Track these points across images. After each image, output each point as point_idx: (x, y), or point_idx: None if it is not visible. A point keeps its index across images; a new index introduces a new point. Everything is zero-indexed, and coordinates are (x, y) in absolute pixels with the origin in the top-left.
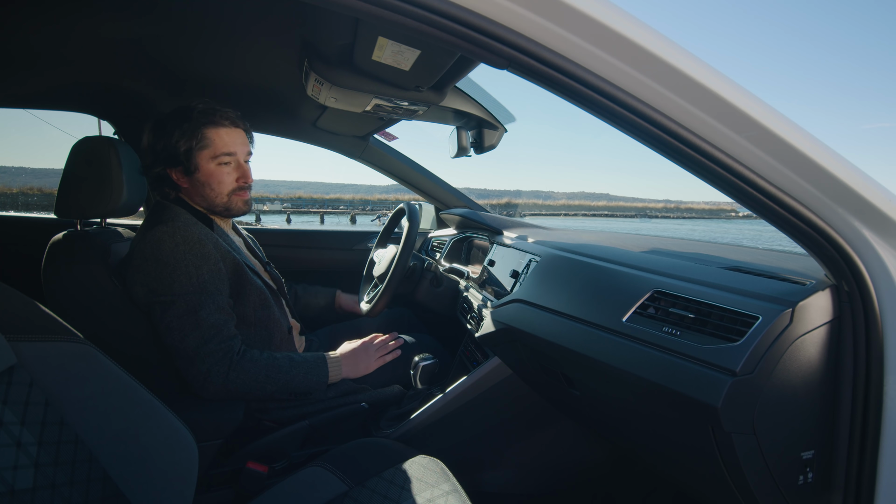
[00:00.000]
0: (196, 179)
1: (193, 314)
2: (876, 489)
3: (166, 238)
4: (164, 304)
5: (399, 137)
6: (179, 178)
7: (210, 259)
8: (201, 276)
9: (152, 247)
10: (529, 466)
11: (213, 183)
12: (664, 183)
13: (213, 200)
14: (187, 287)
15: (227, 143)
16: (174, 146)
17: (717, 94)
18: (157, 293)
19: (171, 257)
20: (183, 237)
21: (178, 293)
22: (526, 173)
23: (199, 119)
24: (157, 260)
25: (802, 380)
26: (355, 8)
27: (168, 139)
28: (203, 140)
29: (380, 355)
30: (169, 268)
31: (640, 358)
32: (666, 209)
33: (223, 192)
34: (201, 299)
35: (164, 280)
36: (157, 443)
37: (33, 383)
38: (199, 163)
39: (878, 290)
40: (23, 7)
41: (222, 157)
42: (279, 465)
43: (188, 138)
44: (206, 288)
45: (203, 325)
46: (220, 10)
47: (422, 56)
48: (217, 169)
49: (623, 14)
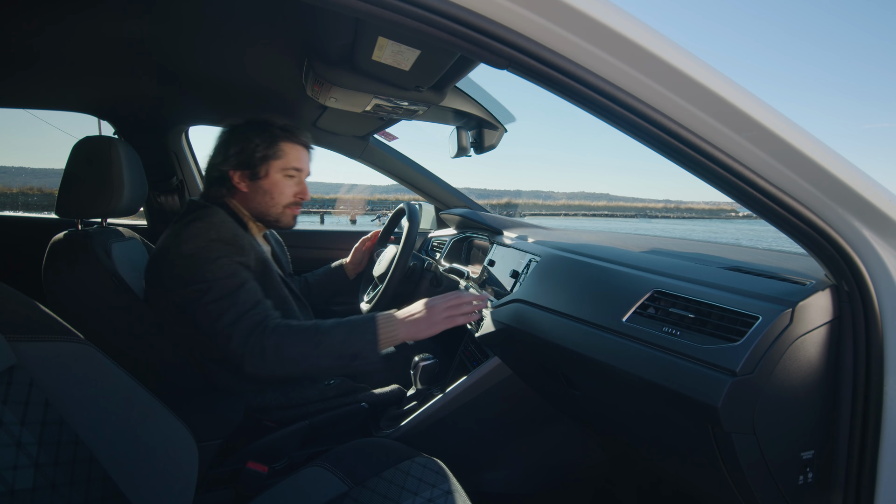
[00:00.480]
0: (259, 186)
1: (230, 296)
2: (876, 489)
3: (202, 233)
4: (199, 292)
5: (399, 137)
6: (241, 181)
7: (244, 254)
8: (233, 267)
9: (188, 242)
10: (529, 466)
11: (275, 192)
12: (664, 183)
13: (268, 209)
14: (221, 274)
15: (298, 159)
16: (250, 151)
17: (717, 94)
18: (192, 283)
19: (206, 250)
20: (218, 233)
21: (212, 280)
22: (526, 173)
23: (279, 133)
24: (193, 254)
25: (802, 380)
26: (355, 8)
27: (245, 143)
28: (278, 152)
29: (449, 314)
30: (202, 259)
31: (640, 358)
32: (666, 209)
33: (281, 202)
34: (235, 283)
35: (199, 270)
36: (157, 443)
37: (33, 383)
38: (269, 171)
39: (878, 290)
40: (23, 7)
41: (290, 171)
42: (279, 465)
43: (265, 147)
44: (240, 275)
45: (239, 302)
46: (221, 10)
47: (422, 56)
48: (282, 180)
49: (623, 14)
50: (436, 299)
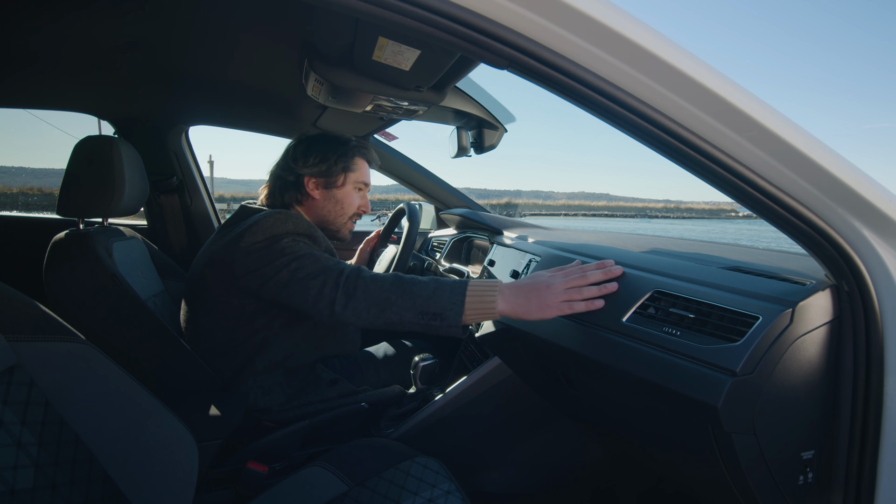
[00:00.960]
0: (331, 195)
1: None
2: (876, 489)
3: (279, 224)
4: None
5: (399, 137)
6: (315, 189)
7: (319, 242)
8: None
9: (266, 228)
10: (529, 466)
11: (345, 203)
12: (664, 183)
13: (335, 218)
14: (299, 248)
15: (366, 174)
16: (332, 161)
17: (717, 94)
18: (273, 261)
19: (283, 233)
20: (295, 224)
21: (290, 253)
22: (526, 173)
23: (356, 149)
24: (271, 237)
25: (802, 380)
26: (355, 8)
27: (326, 153)
28: (354, 165)
29: (569, 297)
30: (279, 239)
31: (640, 358)
32: (666, 209)
33: (347, 213)
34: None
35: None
36: (157, 443)
37: (33, 383)
38: (345, 182)
39: (878, 290)
40: (23, 7)
41: (360, 184)
42: (279, 465)
43: (345, 160)
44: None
45: (321, 259)
46: (221, 10)
47: (422, 56)
48: (352, 192)
49: (623, 14)
50: (555, 275)
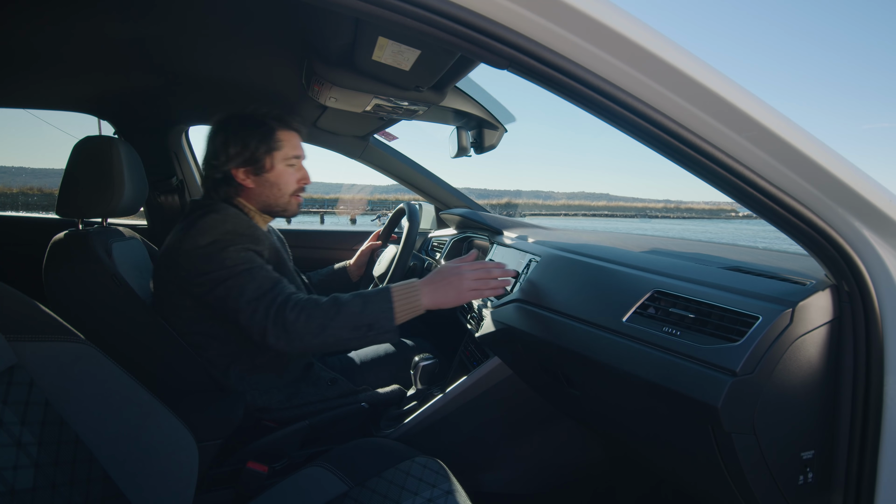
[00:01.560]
0: (265, 180)
1: (249, 274)
2: (876, 489)
3: (218, 225)
4: (220, 278)
5: (399, 137)
6: (247, 178)
7: (259, 243)
8: (252, 254)
9: (204, 233)
10: (529, 466)
11: (281, 183)
12: (664, 183)
13: (276, 200)
14: (238, 261)
15: (296, 146)
16: (253, 147)
17: (717, 94)
18: (212, 271)
19: (223, 241)
20: (234, 224)
21: (230, 266)
22: (526, 173)
23: (275, 124)
24: (211, 243)
25: (802, 380)
26: (355, 8)
27: (245, 140)
28: (278, 142)
29: (478, 286)
30: (220, 248)
31: (640, 358)
32: (666, 209)
33: (287, 192)
34: (255, 266)
35: (218, 258)
36: (157, 443)
37: (33, 383)
38: (273, 163)
39: (878, 290)
40: (23, 7)
41: (292, 160)
42: (279, 465)
43: (266, 141)
44: (257, 260)
45: (259, 278)
46: (221, 11)
47: (422, 56)
48: (286, 170)
49: (623, 14)
50: (463, 267)
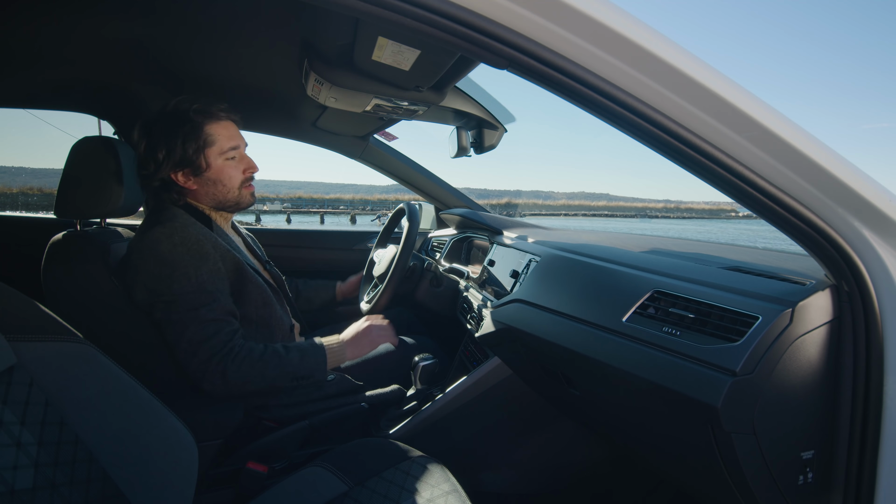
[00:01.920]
0: (206, 178)
1: (194, 311)
2: (876, 489)
3: (164, 239)
4: (165, 304)
5: (399, 137)
6: (187, 180)
7: (209, 259)
8: (200, 276)
9: (150, 248)
10: (529, 466)
11: (224, 179)
12: (664, 183)
13: (225, 196)
14: (186, 287)
15: (230, 137)
16: (182, 149)
17: (717, 94)
18: (157, 293)
19: (169, 257)
20: (181, 238)
21: (177, 293)
22: (526, 173)
23: (199, 118)
24: (157, 260)
25: (802, 380)
26: (355, 8)
27: (171, 143)
28: (209, 137)
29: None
30: (168, 268)
31: (640, 358)
32: (666, 209)
33: (234, 186)
34: (201, 298)
35: (164, 280)
36: (157, 443)
37: (33, 383)
38: (209, 160)
39: (878, 290)
40: (24, 6)
41: (229, 152)
42: (279, 465)
43: (194, 138)
44: (206, 287)
45: (202, 321)
46: (221, 10)
47: (422, 56)
48: (225, 164)
49: (623, 14)
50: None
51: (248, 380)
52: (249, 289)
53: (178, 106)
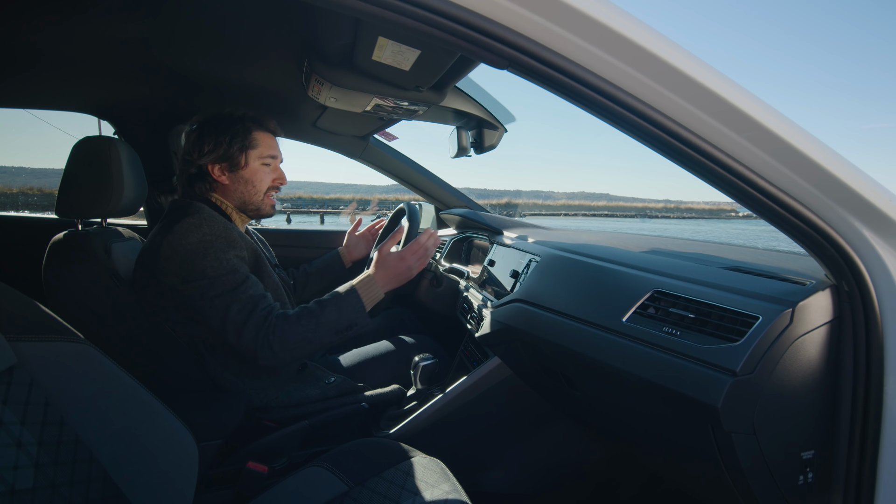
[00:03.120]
0: (240, 176)
1: (234, 291)
2: (876, 489)
3: (194, 229)
4: (201, 288)
5: (399, 137)
6: (222, 174)
7: (236, 246)
8: (231, 261)
9: (181, 238)
10: (529, 466)
11: (256, 180)
12: (664, 183)
13: (250, 198)
14: (219, 270)
15: (271, 146)
16: (228, 144)
17: (717, 94)
18: (191, 280)
19: (199, 246)
20: (210, 228)
21: (212, 276)
22: (526, 173)
23: (251, 124)
24: (188, 250)
25: (802, 380)
26: (355, 8)
27: (220, 137)
28: (254, 141)
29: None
30: (199, 255)
31: (640, 358)
32: (666, 209)
33: (261, 189)
34: (236, 277)
35: (197, 266)
36: (157, 443)
37: (33, 383)
38: (248, 160)
39: (878, 290)
40: (24, 7)
41: (267, 159)
42: (279, 465)
43: (241, 138)
44: (238, 269)
45: (244, 297)
46: (221, 10)
47: (422, 56)
48: (261, 168)
49: (623, 14)
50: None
51: (295, 347)
52: (267, 284)
53: (234, 111)
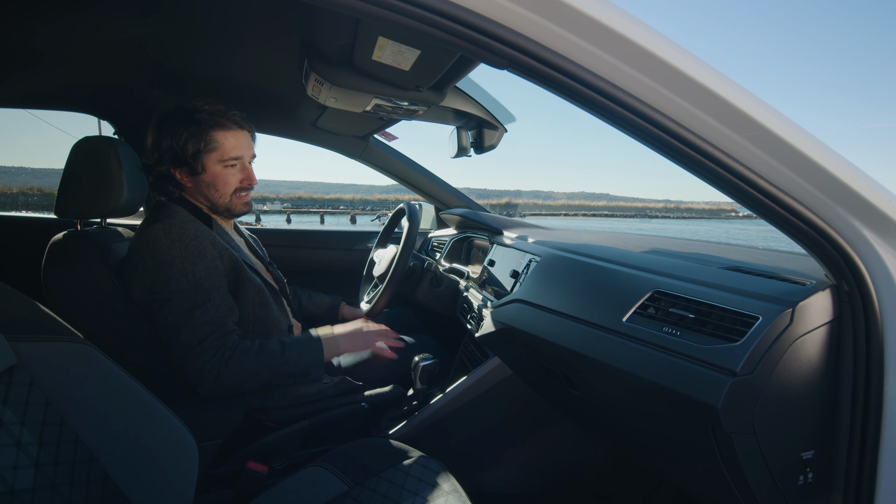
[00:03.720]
0: (201, 180)
1: (189, 312)
2: (876, 489)
3: (162, 236)
4: (160, 302)
5: (399, 137)
6: (183, 177)
7: (206, 255)
8: (197, 273)
9: (148, 244)
10: (529, 466)
11: (219, 184)
12: (664, 183)
13: (217, 201)
14: (183, 284)
15: (234, 147)
16: (182, 147)
17: (717, 94)
18: (153, 291)
19: (166, 254)
20: (179, 234)
21: (174, 291)
22: (526, 173)
23: (208, 122)
24: (154, 258)
25: (802, 380)
26: (355, 8)
27: (175, 139)
28: (211, 143)
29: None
30: (165, 265)
31: (640, 358)
32: (666, 209)
33: (227, 192)
34: (197, 297)
35: (161, 278)
36: (157, 443)
37: (33, 383)
38: (206, 165)
39: (878, 290)
40: (23, 7)
41: (229, 161)
42: (279, 465)
43: (196, 140)
44: (203, 285)
45: (198, 322)
46: (221, 10)
47: (422, 56)
48: (223, 171)
49: (623, 14)
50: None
51: (243, 381)
52: (246, 287)
53: (191, 106)
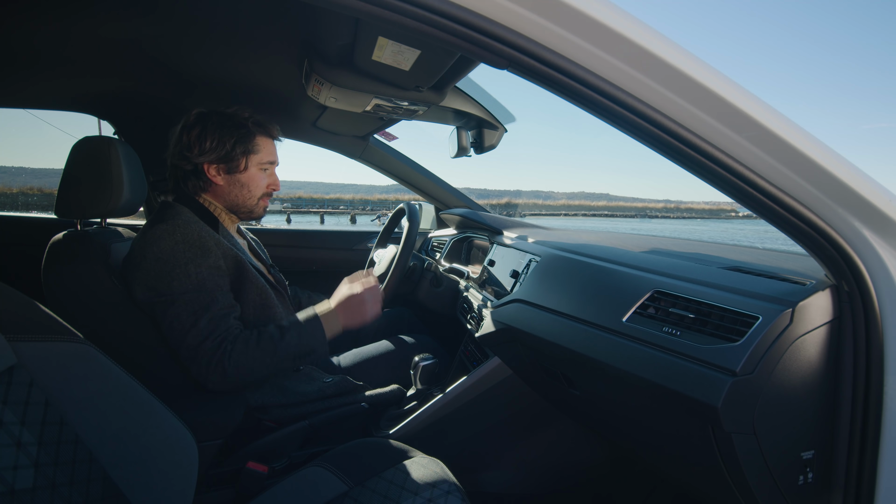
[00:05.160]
0: (236, 179)
1: (194, 314)
2: (876, 489)
3: (165, 236)
4: (164, 304)
5: (399, 137)
6: (217, 175)
7: (210, 255)
8: (200, 274)
9: (151, 245)
10: (529, 466)
11: (252, 185)
12: (664, 183)
13: (244, 202)
14: (187, 286)
15: (271, 152)
16: (231, 146)
17: (717, 94)
18: (157, 292)
19: (170, 255)
20: (182, 235)
21: (177, 292)
22: (526, 173)
23: (257, 128)
24: (157, 258)
25: (802, 380)
26: (355, 8)
27: (222, 137)
28: (256, 146)
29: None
30: (168, 266)
31: (640, 358)
32: (666, 209)
33: (256, 194)
34: (201, 298)
35: (164, 279)
36: (157, 443)
37: (33, 383)
38: (247, 165)
39: (878, 290)
40: (24, 7)
41: (266, 164)
42: (279, 465)
43: (244, 143)
44: (206, 286)
45: (202, 323)
46: (221, 10)
47: (422, 56)
48: (258, 173)
49: (623, 14)
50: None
51: (249, 371)
52: (248, 288)
53: (237, 112)
